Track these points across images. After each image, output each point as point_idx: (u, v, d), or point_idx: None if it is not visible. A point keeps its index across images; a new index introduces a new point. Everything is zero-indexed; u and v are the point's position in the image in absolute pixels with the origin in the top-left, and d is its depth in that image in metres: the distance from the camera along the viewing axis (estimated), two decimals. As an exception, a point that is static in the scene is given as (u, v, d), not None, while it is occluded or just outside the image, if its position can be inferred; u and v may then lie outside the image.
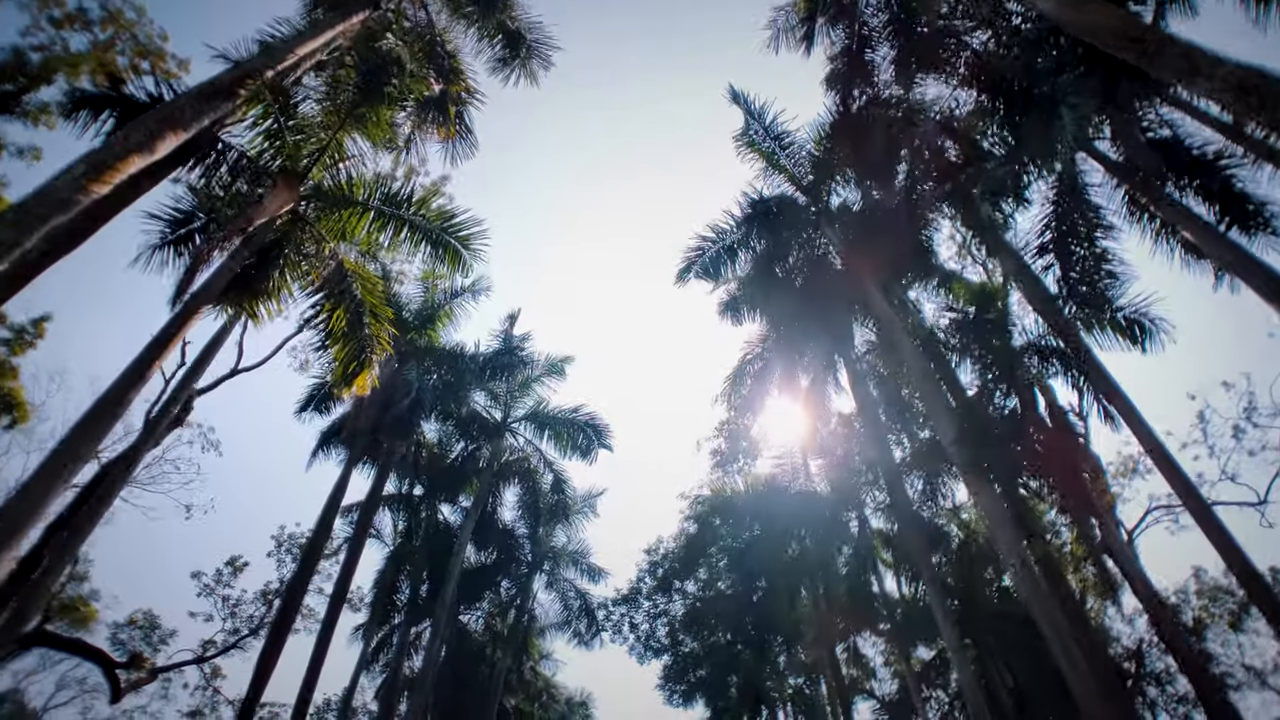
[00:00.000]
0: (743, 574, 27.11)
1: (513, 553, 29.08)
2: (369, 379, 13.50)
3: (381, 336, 13.46)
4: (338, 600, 18.84)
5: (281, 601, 17.12)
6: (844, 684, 22.75)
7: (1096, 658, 11.43)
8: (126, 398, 10.04)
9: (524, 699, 32.54)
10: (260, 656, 16.19)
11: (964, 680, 14.32)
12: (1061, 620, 11.30)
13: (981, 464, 13.16)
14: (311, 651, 17.84)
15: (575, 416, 26.17)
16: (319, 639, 18.05)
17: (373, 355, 13.34)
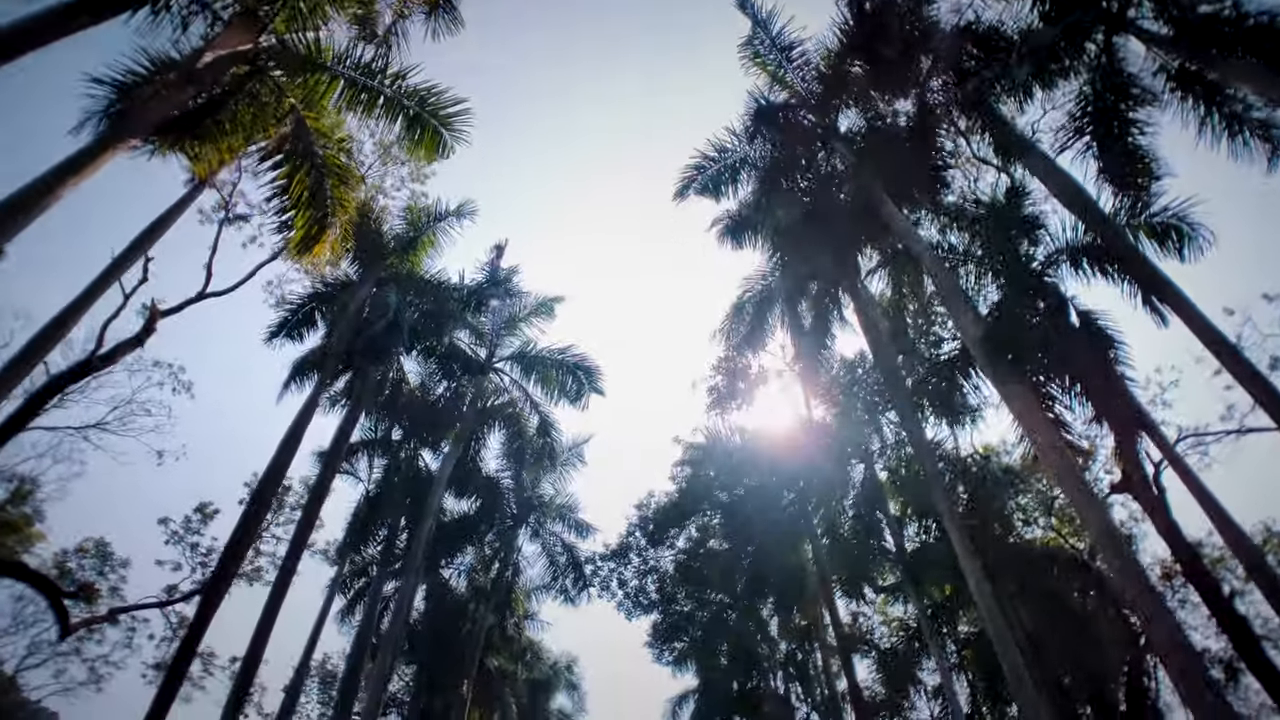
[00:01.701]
0: (735, 529, 25.88)
1: (497, 503, 27.73)
2: (328, 247, 12.09)
3: (346, 200, 12.09)
4: (298, 546, 17.38)
5: (227, 545, 15.64)
6: (845, 638, 21.51)
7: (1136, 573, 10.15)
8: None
9: (507, 658, 31.31)
10: (199, 605, 14.75)
11: (985, 607, 13.07)
12: (1108, 523, 10.03)
13: (1010, 360, 11.87)
14: (264, 605, 16.34)
15: (564, 357, 24.79)
16: (273, 591, 16.56)
17: (335, 220, 11.94)
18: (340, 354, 18.87)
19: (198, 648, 14.11)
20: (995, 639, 12.64)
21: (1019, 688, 12.00)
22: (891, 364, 18.17)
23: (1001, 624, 12.83)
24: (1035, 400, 11.57)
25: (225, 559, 15.70)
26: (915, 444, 16.30)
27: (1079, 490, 10.19)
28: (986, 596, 13.23)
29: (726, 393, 22.05)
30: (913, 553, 18.72)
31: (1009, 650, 12.46)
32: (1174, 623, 8.87)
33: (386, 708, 30.29)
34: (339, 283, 22.42)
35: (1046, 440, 10.84)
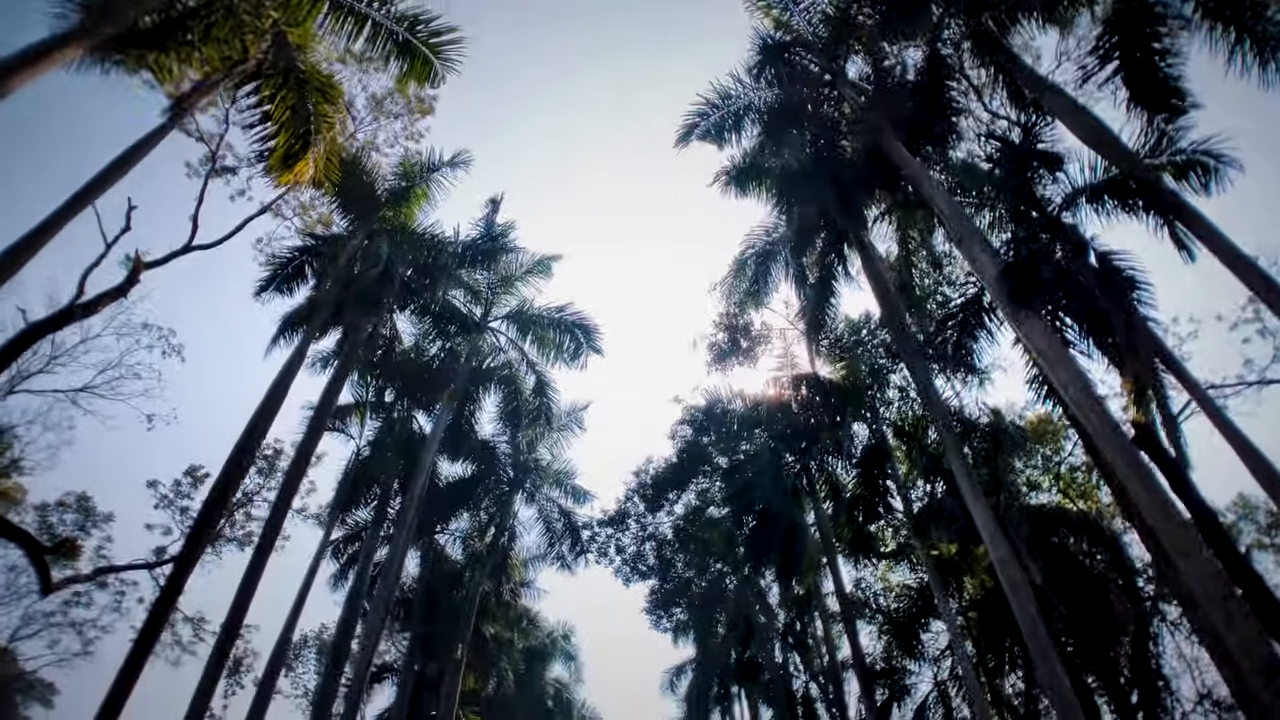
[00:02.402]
0: (735, 495, 25.32)
1: (492, 467, 27.22)
2: (310, 165, 11.43)
3: (328, 115, 11.39)
4: (283, 505, 16.77)
5: (204, 504, 14.98)
6: (848, 603, 21.06)
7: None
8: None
9: (503, 625, 30.94)
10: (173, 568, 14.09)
11: (999, 558, 12.57)
12: (1138, 459, 9.48)
13: (1030, 294, 11.28)
14: (247, 567, 15.71)
15: (562, 316, 24.19)
16: (256, 553, 15.94)
17: (319, 138, 11.27)
18: (329, 304, 18.22)
19: (171, 610, 13.48)
20: (1009, 588, 12.14)
21: (1034, 636, 11.51)
22: (899, 317, 17.59)
23: (1017, 574, 12.33)
24: (1056, 335, 10.99)
25: (201, 520, 15.02)
26: (925, 397, 15.75)
27: (1103, 424, 9.63)
28: (1000, 546, 12.74)
29: (728, 348, 21.44)
30: (920, 511, 18.20)
31: (1023, 599, 11.97)
32: (1213, 560, 8.33)
33: (381, 675, 29.94)
34: (329, 236, 21.80)
35: (1068, 375, 10.27)
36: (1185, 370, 11.76)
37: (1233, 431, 10.95)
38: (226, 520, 27.98)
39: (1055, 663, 11.23)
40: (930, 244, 19.76)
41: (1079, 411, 9.96)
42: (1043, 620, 11.84)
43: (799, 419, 21.06)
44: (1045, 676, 11.08)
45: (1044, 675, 11.09)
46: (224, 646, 14.68)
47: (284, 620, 18.41)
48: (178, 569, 13.82)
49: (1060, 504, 20.04)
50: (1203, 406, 11.25)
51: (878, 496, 19.39)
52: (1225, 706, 21.95)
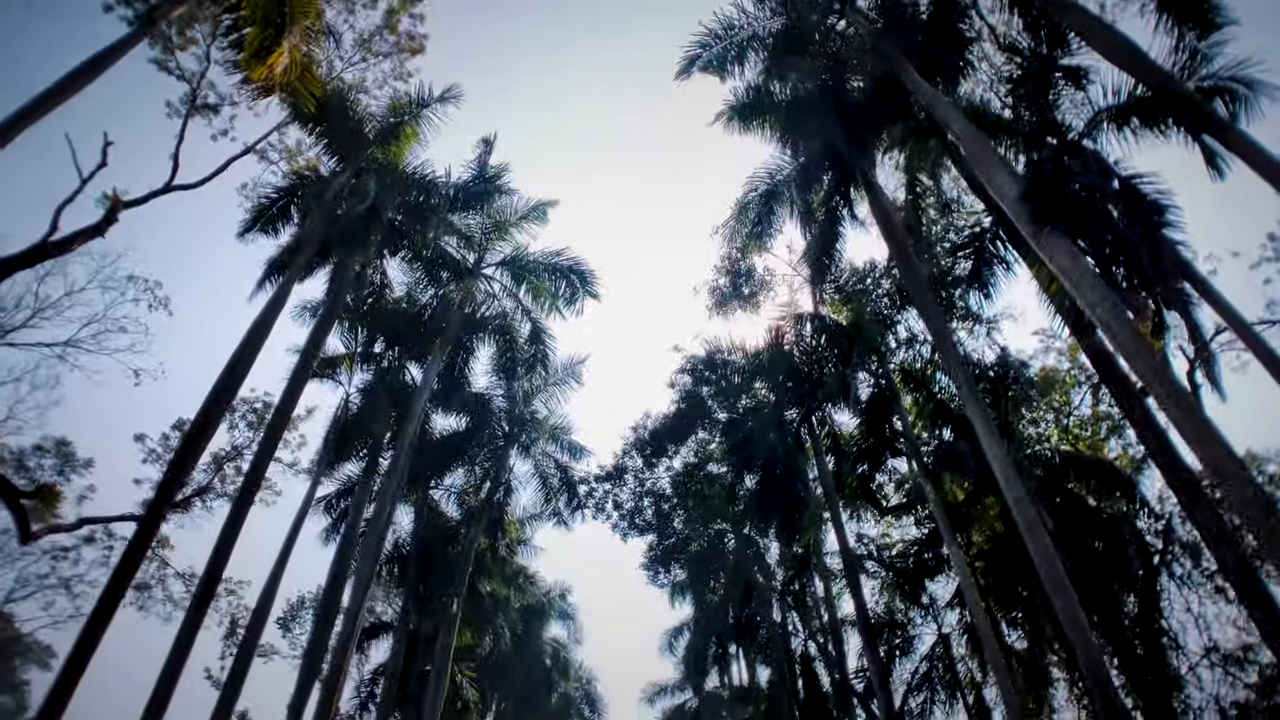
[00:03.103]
0: (735, 450, 24.75)
1: (487, 420, 26.61)
2: (285, 55, 10.63)
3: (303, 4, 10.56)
4: (266, 453, 16.08)
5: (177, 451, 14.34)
6: (851, 556, 20.53)
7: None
8: None
9: (499, 582, 30.50)
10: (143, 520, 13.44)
11: (1014, 498, 11.99)
12: (1172, 378, 8.83)
13: (1053, 214, 10.58)
14: (227, 518, 15.02)
15: (558, 261, 23.43)
16: (237, 503, 15.28)
17: (293, 28, 10.47)
18: (315, 242, 17.48)
19: (141, 556, 12.81)
20: (1025, 527, 11.58)
21: (1051, 574, 10.97)
22: (909, 256, 16.84)
23: (1032, 513, 11.76)
24: (1079, 254, 10.29)
25: (175, 463, 14.36)
26: (935, 336, 15.09)
27: (1134, 342, 8.98)
28: (1015, 486, 12.16)
29: (729, 292, 20.73)
30: (930, 455, 17.59)
31: (1039, 538, 11.41)
32: (1255, 483, 7.72)
33: (376, 632, 29.59)
34: (315, 175, 21.02)
35: (1095, 294, 9.59)
36: (1220, 296, 11.06)
37: (1276, 361, 10.27)
38: (216, 475, 27.51)
39: (1073, 599, 10.69)
40: (939, 186, 18.99)
41: (1108, 331, 9.29)
42: (1060, 558, 11.30)
43: (801, 366, 20.39)
44: (1063, 612, 10.54)
45: (1062, 610, 10.55)
46: (203, 597, 14.10)
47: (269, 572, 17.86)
48: (150, 513, 13.23)
49: (1072, 448, 19.42)
50: (1240, 335, 10.58)
51: (883, 443, 18.79)
52: (1232, 660, 21.62)
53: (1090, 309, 9.59)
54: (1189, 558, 22.05)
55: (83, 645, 11.06)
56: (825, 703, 31.32)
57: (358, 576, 16.32)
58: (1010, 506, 11.99)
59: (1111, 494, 17.06)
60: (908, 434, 17.07)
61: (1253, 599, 10.42)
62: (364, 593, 15.93)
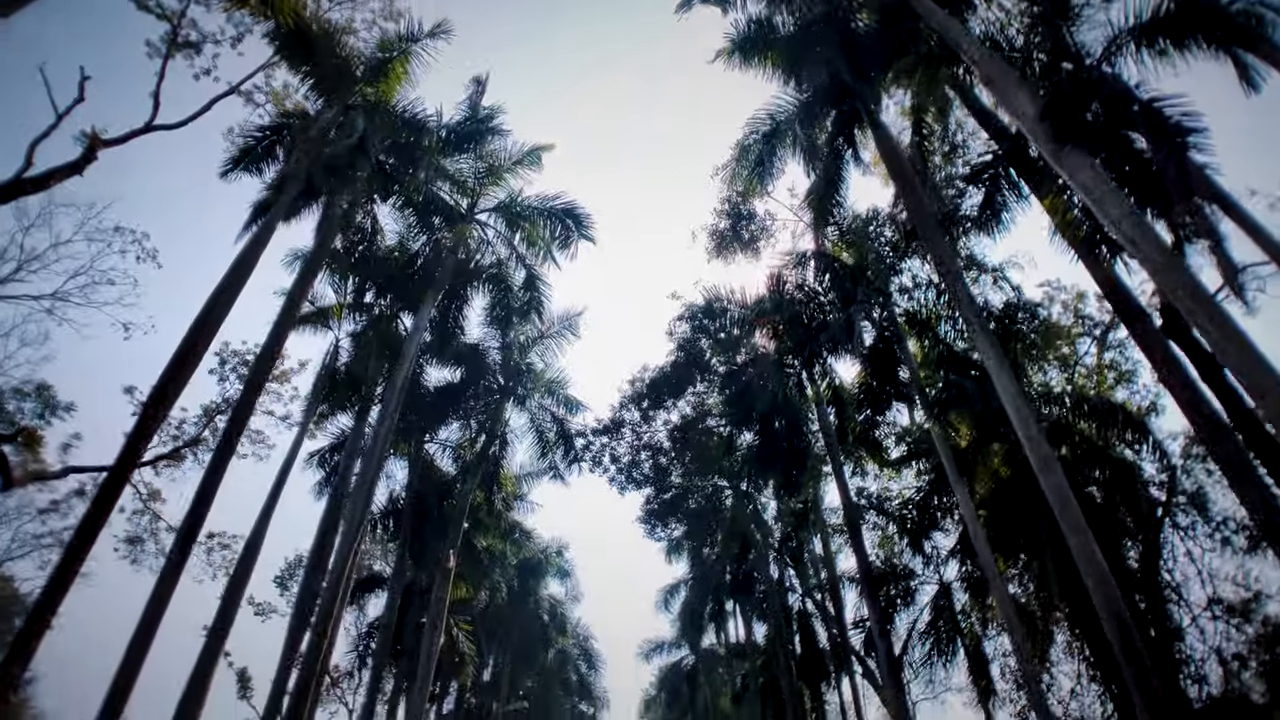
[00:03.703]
0: (734, 396, 24.30)
1: (481, 372, 26.14)
2: None
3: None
4: (251, 393, 15.53)
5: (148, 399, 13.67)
6: (853, 508, 20.18)
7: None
8: None
9: (496, 537, 30.27)
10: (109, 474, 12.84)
11: (1027, 436, 11.54)
12: (1205, 294, 8.31)
13: (1074, 132, 9.99)
14: (207, 468, 14.51)
15: (553, 206, 22.77)
16: (217, 452, 14.75)
17: None
18: (300, 178, 16.80)
19: (114, 500, 12.31)
20: (1039, 464, 11.15)
21: (1065, 510, 10.55)
22: (915, 190, 16.22)
23: (1046, 450, 11.33)
24: (1102, 170, 9.73)
25: (145, 413, 13.67)
26: (943, 271, 14.56)
27: (1163, 258, 8.45)
28: (1028, 423, 11.71)
29: (730, 235, 20.09)
30: (937, 395, 17.09)
31: (1053, 474, 10.99)
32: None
33: (371, 584, 29.41)
34: (302, 115, 20.27)
35: (1120, 211, 9.06)
36: (1258, 223, 10.48)
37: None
38: (207, 427, 27.07)
39: (1089, 536, 10.29)
40: (946, 125, 18.32)
41: (1134, 248, 8.75)
42: (1074, 495, 10.88)
43: (802, 312, 19.83)
44: (1079, 550, 10.15)
45: (1078, 549, 10.16)
46: (184, 545, 13.66)
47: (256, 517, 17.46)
48: (121, 460, 12.67)
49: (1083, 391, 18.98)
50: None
51: (888, 388, 18.32)
52: (1235, 611, 21.44)
53: (1115, 225, 9.05)
54: (1194, 508, 21.80)
55: (49, 594, 10.64)
56: (822, 658, 31.34)
57: (348, 522, 15.92)
58: (1023, 443, 11.55)
59: (1122, 437, 16.64)
60: (913, 377, 16.58)
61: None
62: (355, 536, 15.54)
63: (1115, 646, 9.27)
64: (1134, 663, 9.07)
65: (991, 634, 23.80)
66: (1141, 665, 9.10)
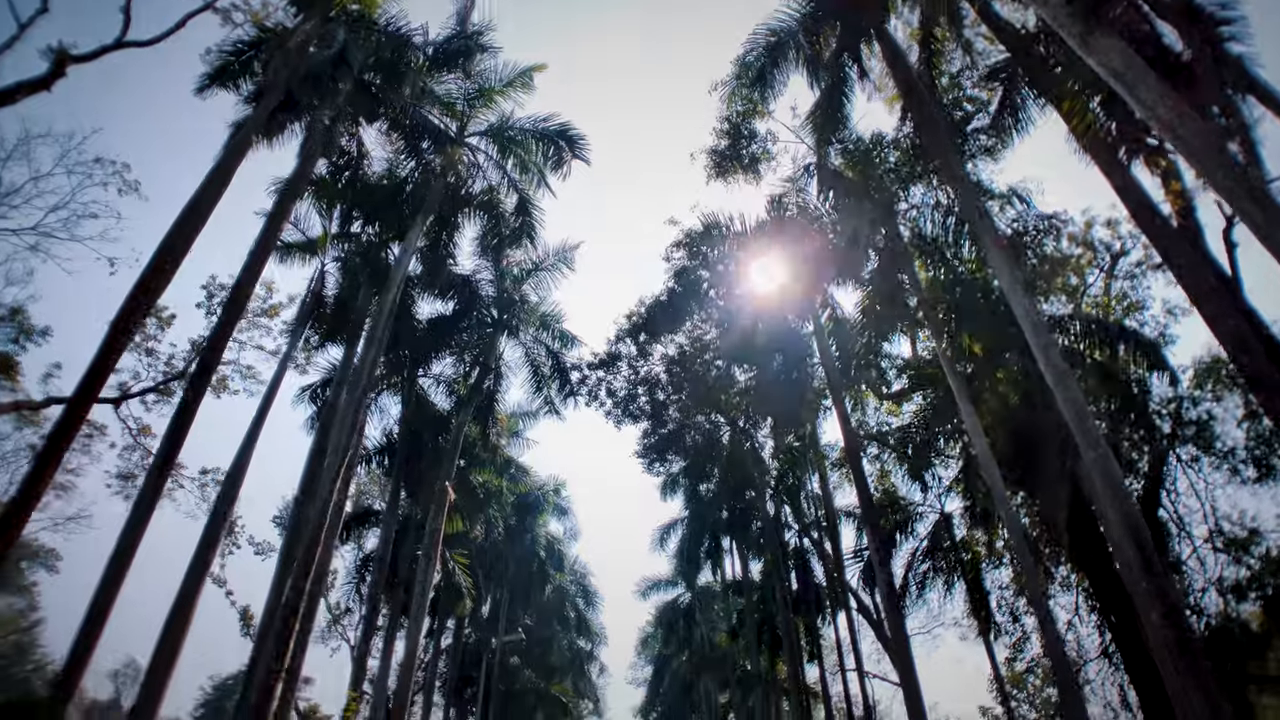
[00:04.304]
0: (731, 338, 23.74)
1: (474, 304, 25.50)
2: None
3: None
4: (229, 320, 14.78)
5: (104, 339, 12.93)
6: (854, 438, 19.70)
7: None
8: None
9: (491, 473, 29.99)
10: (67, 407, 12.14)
11: (1042, 345, 10.98)
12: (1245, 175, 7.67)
13: (1103, 7, 9.22)
14: (179, 403, 13.81)
15: (545, 128, 21.87)
16: (192, 381, 14.05)
17: None
18: (279, 88, 15.91)
19: (68, 442, 11.69)
20: (1054, 377, 10.61)
21: (1081, 424, 10.06)
22: (924, 102, 15.39)
23: (1062, 363, 10.78)
24: (1133, 53, 8.98)
25: (105, 344, 12.98)
26: (954, 182, 13.84)
27: (1200, 140, 7.79)
28: (1043, 335, 11.16)
29: (730, 153, 19.24)
30: (945, 313, 16.50)
31: (1070, 388, 10.45)
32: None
33: (365, 519, 29.24)
34: (281, 30, 19.26)
35: (1153, 94, 8.35)
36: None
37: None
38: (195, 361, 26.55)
39: (1107, 452, 9.81)
40: (959, 29, 17.33)
41: (1170, 133, 8.07)
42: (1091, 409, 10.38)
43: (805, 237, 19.12)
44: (1096, 465, 9.67)
45: (1095, 463, 9.68)
46: (158, 476, 13.13)
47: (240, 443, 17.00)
48: (85, 383, 12.00)
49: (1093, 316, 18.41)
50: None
51: (893, 309, 17.70)
52: (1236, 544, 21.28)
53: (1149, 110, 8.35)
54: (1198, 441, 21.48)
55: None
56: (818, 593, 31.45)
57: (335, 448, 15.44)
58: (1037, 357, 11.00)
59: (1133, 358, 16.13)
60: (920, 296, 15.96)
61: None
62: (342, 462, 15.09)
63: (1133, 561, 8.87)
64: (1153, 576, 8.68)
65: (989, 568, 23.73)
66: (1161, 578, 8.72)
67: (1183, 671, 8.16)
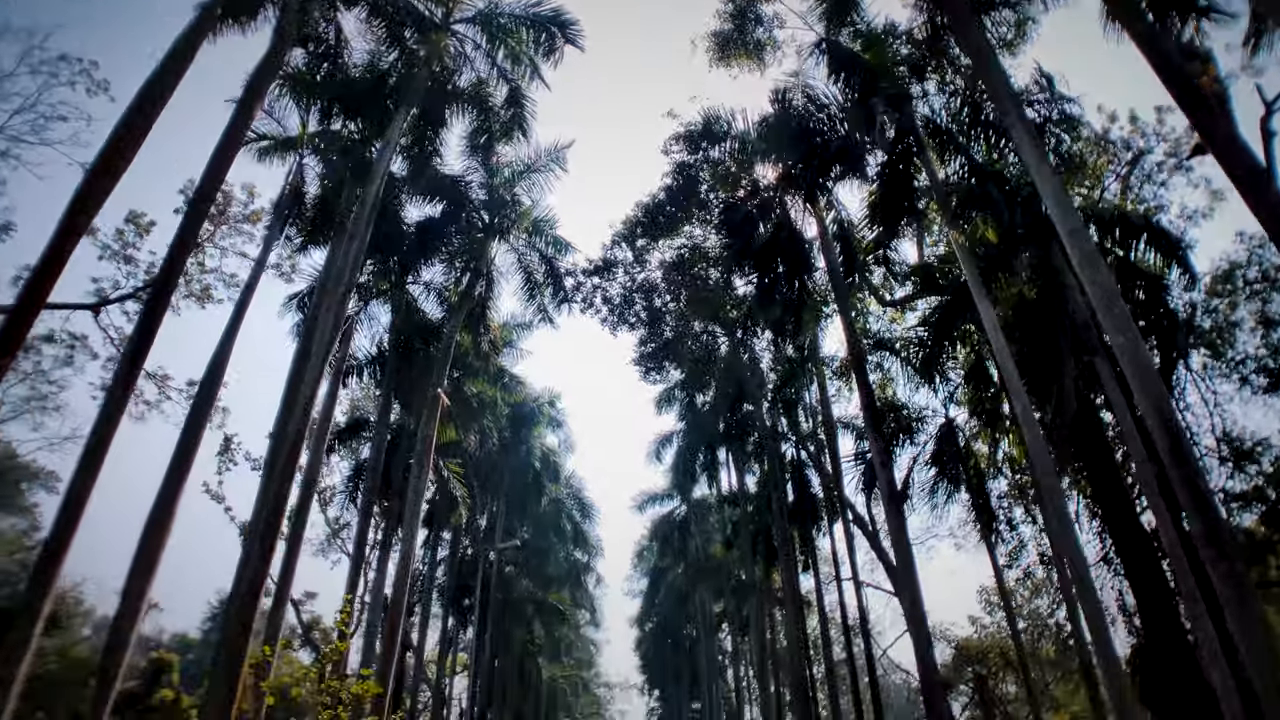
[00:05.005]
0: (733, 228, 22.76)
1: (464, 207, 24.47)
2: None
3: None
4: (192, 225, 13.73)
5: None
6: (857, 341, 19.02)
7: None
8: None
9: (485, 383, 29.47)
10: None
11: (1070, 227, 10.19)
12: None
13: None
14: (144, 307, 12.96)
15: (536, 12, 20.44)
16: (155, 287, 13.13)
17: None
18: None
19: (17, 345, 10.84)
20: (1082, 260, 9.87)
21: (1110, 308, 9.38)
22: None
23: (1090, 245, 10.02)
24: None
25: (52, 244, 11.95)
26: (975, 54, 12.79)
27: None
28: (1071, 215, 10.36)
29: (734, 37, 17.97)
30: (960, 196, 15.62)
31: (1097, 269, 9.73)
32: None
33: (357, 429, 28.86)
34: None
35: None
36: None
37: None
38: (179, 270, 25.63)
39: (1136, 336, 9.17)
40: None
41: None
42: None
43: (810, 125, 18.02)
44: (1124, 349, 9.04)
45: (1123, 348, 9.05)
46: (126, 379, 12.40)
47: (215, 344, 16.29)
48: (30, 285, 11.08)
49: (1113, 208, 17.55)
50: None
51: (906, 198, 16.77)
52: (1243, 453, 21.01)
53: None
54: (1212, 348, 20.95)
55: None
56: (814, 504, 31.39)
57: (318, 346, 14.76)
58: (1063, 237, 10.23)
59: (1157, 245, 15.37)
60: (934, 183, 15.02)
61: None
62: (325, 357, 14.43)
63: (1164, 450, 8.33)
64: (1183, 465, 8.15)
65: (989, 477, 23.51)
66: (1191, 467, 8.20)
67: (1211, 560, 7.70)
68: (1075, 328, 13.68)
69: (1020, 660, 18.50)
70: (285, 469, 13.23)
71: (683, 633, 57.18)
